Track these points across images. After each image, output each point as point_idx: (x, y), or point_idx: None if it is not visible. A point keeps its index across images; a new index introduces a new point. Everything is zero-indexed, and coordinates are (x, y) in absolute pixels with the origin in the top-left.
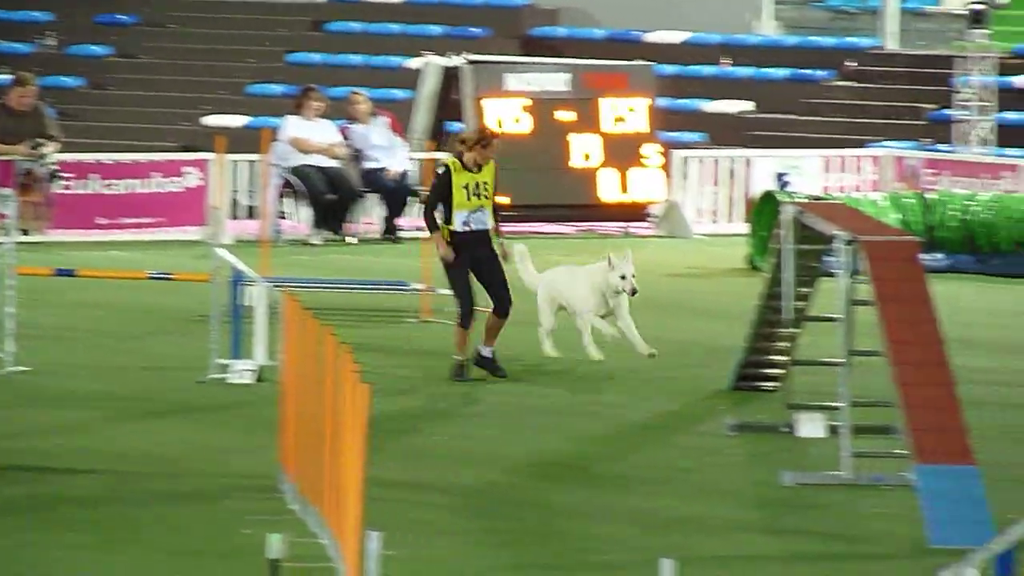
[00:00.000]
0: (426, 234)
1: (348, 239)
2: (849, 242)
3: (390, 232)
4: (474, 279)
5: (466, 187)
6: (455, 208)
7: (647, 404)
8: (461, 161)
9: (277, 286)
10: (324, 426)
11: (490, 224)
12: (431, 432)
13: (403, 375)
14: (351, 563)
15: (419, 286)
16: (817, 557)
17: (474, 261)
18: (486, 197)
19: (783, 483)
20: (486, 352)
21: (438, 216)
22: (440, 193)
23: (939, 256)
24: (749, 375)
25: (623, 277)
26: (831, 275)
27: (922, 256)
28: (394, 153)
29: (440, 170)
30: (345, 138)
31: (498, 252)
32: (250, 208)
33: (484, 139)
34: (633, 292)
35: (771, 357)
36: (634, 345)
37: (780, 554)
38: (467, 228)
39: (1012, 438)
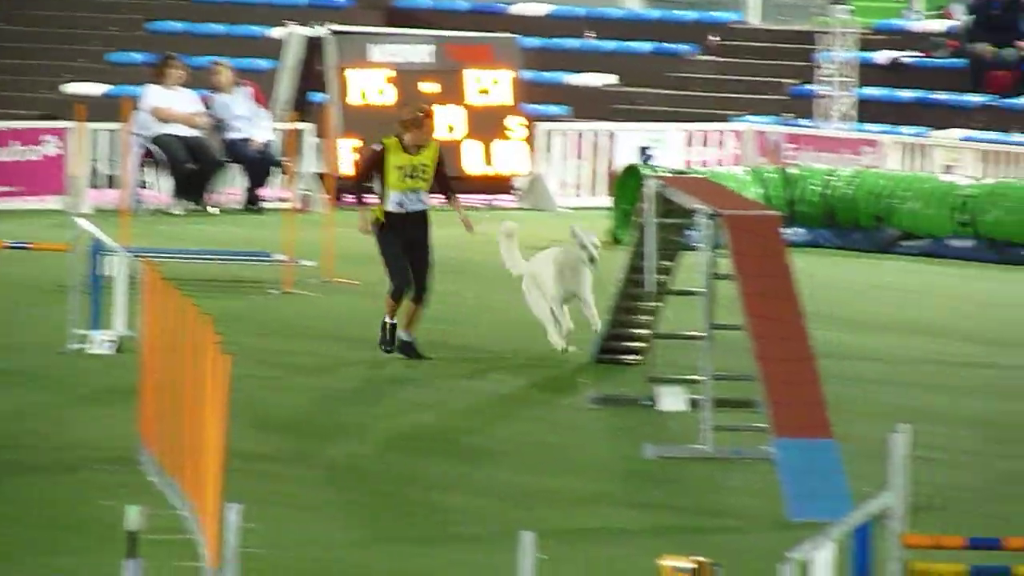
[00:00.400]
0: (287, 205)
1: (210, 209)
2: (711, 216)
3: (252, 203)
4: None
5: (401, 168)
6: (389, 188)
7: (510, 377)
8: (401, 141)
9: (137, 256)
10: (184, 397)
11: (426, 205)
12: (294, 404)
13: (265, 347)
14: (211, 535)
15: (281, 257)
16: (679, 530)
17: (406, 242)
18: (423, 179)
19: (645, 456)
20: (406, 337)
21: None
22: (368, 169)
23: (800, 231)
24: (611, 348)
25: (583, 247)
26: (693, 249)
27: (783, 230)
28: (257, 123)
29: (376, 147)
30: (207, 107)
31: (464, 225)
32: (110, 177)
33: (415, 119)
34: (591, 260)
35: (633, 330)
36: (590, 319)
37: (642, 527)
38: (401, 209)
39: (870, 412)
